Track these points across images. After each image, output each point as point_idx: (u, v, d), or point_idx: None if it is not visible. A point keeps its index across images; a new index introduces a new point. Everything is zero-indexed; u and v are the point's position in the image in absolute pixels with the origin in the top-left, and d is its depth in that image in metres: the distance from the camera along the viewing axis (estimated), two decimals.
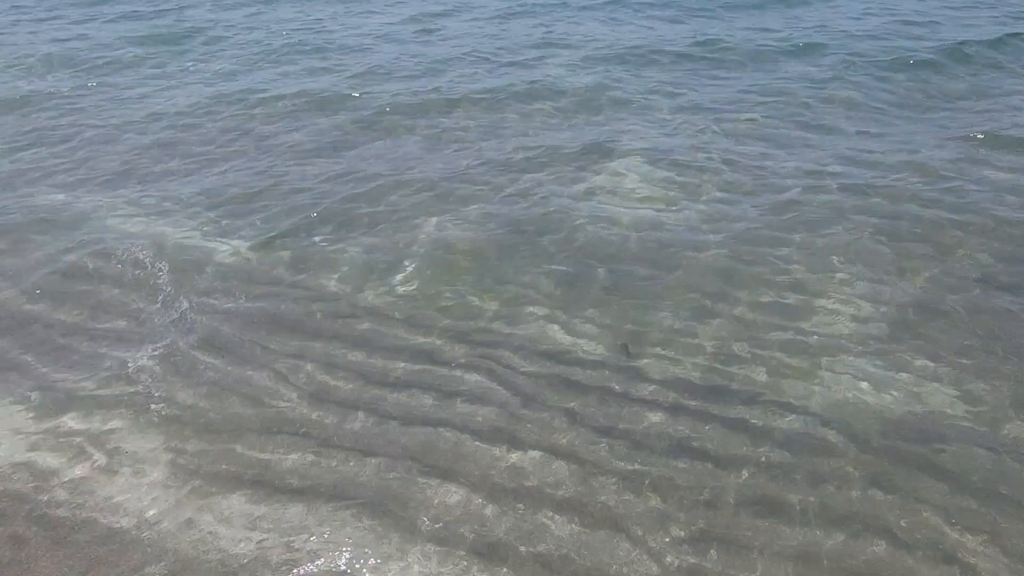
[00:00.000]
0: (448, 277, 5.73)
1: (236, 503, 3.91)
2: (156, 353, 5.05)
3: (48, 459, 4.22)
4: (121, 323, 5.38)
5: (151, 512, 3.87)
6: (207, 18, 14.03)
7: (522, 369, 4.78)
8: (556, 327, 5.14)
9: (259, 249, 6.20)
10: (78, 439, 4.36)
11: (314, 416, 4.48)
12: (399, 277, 5.75)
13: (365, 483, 3.99)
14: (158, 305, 5.55)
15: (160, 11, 14.87)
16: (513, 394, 4.57)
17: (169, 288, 5.72)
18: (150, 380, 4.80)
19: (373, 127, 8.45)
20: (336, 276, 5.82)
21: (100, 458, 4.22)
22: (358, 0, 14.76)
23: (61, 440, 4.36)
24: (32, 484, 4.06)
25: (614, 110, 8.76)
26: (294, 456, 4.19)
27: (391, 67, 10.41)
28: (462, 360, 4.89)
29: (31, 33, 13.46)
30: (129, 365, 4.94)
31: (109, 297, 5.68)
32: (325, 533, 3.70)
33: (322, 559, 3.56)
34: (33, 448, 4.30)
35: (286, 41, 12.00)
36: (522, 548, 3.59)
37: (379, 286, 5.66)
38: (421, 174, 7.29)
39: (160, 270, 5.93)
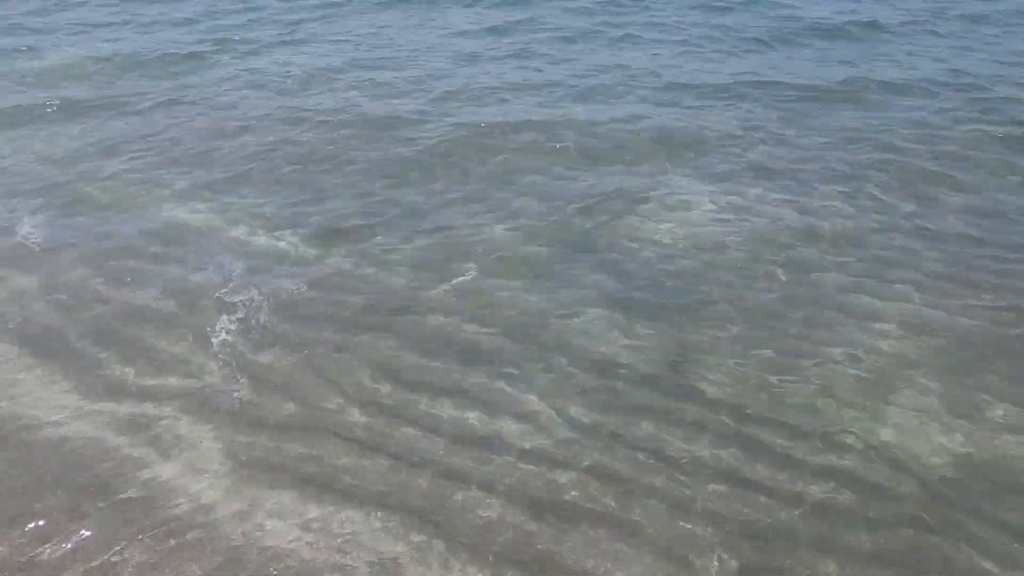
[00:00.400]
0: (503, 289, 5.93)
1: (287, 500, 4.09)
2: (218, 346, 5.34)
3: (109, 441, 4.49)
4: (185, 316, 5.68)
5: (205, 501, 4.08)
6: (278, 19, 14.57)
7: (573, 383, 4.92)
8: (608, 343, 5.28)
9: (321, 250, 6.50)
10: (138, 425, 4.63)
11: (365, 420, 4.67)
12: (455, 284, 6.00)
13: (414, 495, 4.13)
14: (221, 300, 5.84)
15: (227, 10, 15.46)
16: (561, 409, 4.71)
17: (233, 283, 6.03)
18: (211, 373, 5.07)
19: (437, 145, 8.57)
20: (395, 281, 6.06)
21: (158, 444, 4.48)
22: (419, 13, 15.13)
23: (122, 423, 4.64)
24: (92, 464, 4.33)
25: (689, 141, 8.66)
26: (345, 459, 4.37)
27: (455, 90, 10.48)
28: (512, 369, 5.05)
29: (88, 30, 14.19)
30: (191, 357, 5.23)
31: (175, 290, 6.00)
32: (375, 542, 3.84)
33: (371, 568, 3.70)
34: (95, 430, 4.59)
35: (351, 55, 12.33)
36: (563, 567, 3.70)
37: (436, 291, 5.91)
38: (483, 192, 7.50)
39: (227, 266, 6.25)
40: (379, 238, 6.70)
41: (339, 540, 3.85)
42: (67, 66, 11.82)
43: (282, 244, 6.64)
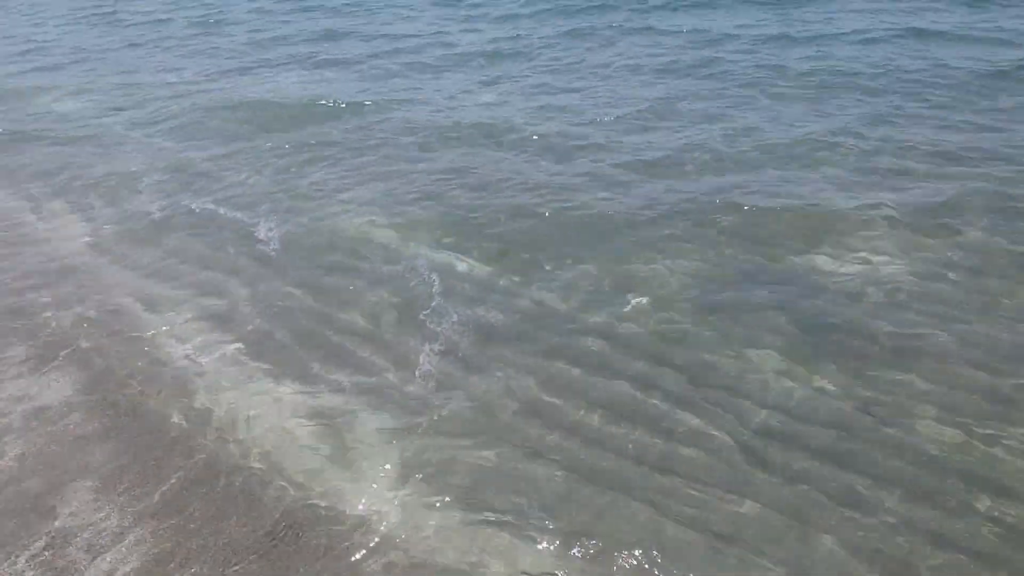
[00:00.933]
0: (675, 313, 6.05)
1: (454, 516, 4.33)
2: (397, 356, 5.82)
3: (300, 444, 4.98)
4: (368, 326, 6.28)
5: (376, 507, 4.40)
6: (459, 53, 15.14)
7: (748, 416, 4.90)
8: (787, 380, 5.21)
9: (494, 268, 6.95)
10: (321, 424, 5.11)
11: (530, 433, 4.91)
12: (627, 312, 6.16)
13: (583, 515, 4.28)
14: (410, 314, 6.35)
15: (415, 47, 16.22)
16: (736, 441, 4.71)
17: (420, 299, 6.52)
18: (389, 380, 5.54)
19: (620, 201, 8.29)
20: (566, 300, 6.35)
21: (338, 444, 4.93)
22: (601, 46, 15.27)
23: (304, 421, 5.16)
24: (267, 458, 4.83)
25: (885, 200, 7.93)
26: (508, 473, 4.60)
27: (643, 148, 10.36)
28: (684, 397, 5.10)
29: (291, 65, 15.79)
30: (376, 365, 5.76)
31: (371, 304, 6.58)
32: (541, 561, 4.01)
33: None
34: (278, 425, 5.15)
35: (537, 100, 12.50)
36: None
37: (606, 313, 6.12)
38: (657, 232, 7.50)
39: (415, 283, 6.77)
40: (555, 267, 6.97)
41: (505, 557, 4.04)
42: (275, 103, 13.05)
43: (465, 267, 7.07)
